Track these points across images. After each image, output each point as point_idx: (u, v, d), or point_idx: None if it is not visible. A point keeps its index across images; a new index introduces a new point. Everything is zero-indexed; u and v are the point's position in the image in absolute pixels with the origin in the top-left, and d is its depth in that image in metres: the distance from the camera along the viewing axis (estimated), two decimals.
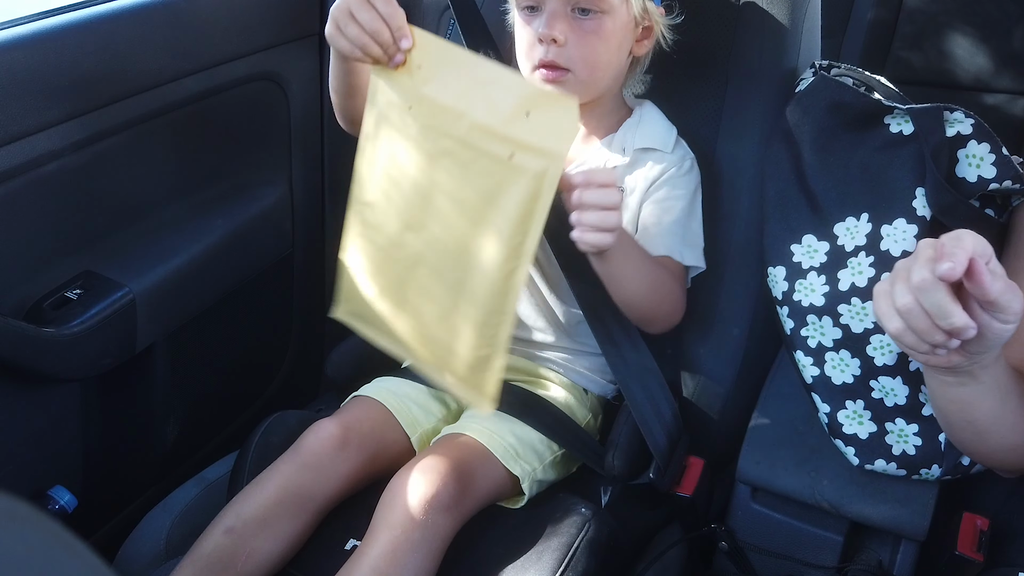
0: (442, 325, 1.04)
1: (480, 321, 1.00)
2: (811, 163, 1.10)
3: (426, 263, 1.03)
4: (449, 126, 0.96)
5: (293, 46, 1.49)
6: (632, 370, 1.14)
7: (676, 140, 1.19)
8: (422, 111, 0.98)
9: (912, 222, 1.03)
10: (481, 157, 0.95)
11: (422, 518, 0.99)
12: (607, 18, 1.07)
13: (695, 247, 1.15)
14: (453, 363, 1.05)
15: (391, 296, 1.08)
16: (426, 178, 1.00)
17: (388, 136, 1.03)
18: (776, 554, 1.14)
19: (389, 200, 1.04)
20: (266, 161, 1.53)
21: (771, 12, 1.17)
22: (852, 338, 1.06)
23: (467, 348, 1.02)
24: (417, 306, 1.06)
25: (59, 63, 1.12)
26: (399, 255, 1.05)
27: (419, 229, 1.02)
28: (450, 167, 0.98)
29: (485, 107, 0.94)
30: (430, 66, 0.97)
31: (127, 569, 1.10)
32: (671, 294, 1.12)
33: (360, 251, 1.09)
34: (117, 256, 1.27)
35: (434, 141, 0.98)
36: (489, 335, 1.01)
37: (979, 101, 1.84)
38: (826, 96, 1.09)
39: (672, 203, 1.14)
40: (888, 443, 1.07)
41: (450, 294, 1.02)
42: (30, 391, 1.20)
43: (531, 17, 1.08)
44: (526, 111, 0.92)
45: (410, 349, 1.10)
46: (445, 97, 0.97)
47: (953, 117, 1.04)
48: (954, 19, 1.81)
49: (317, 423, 1.12)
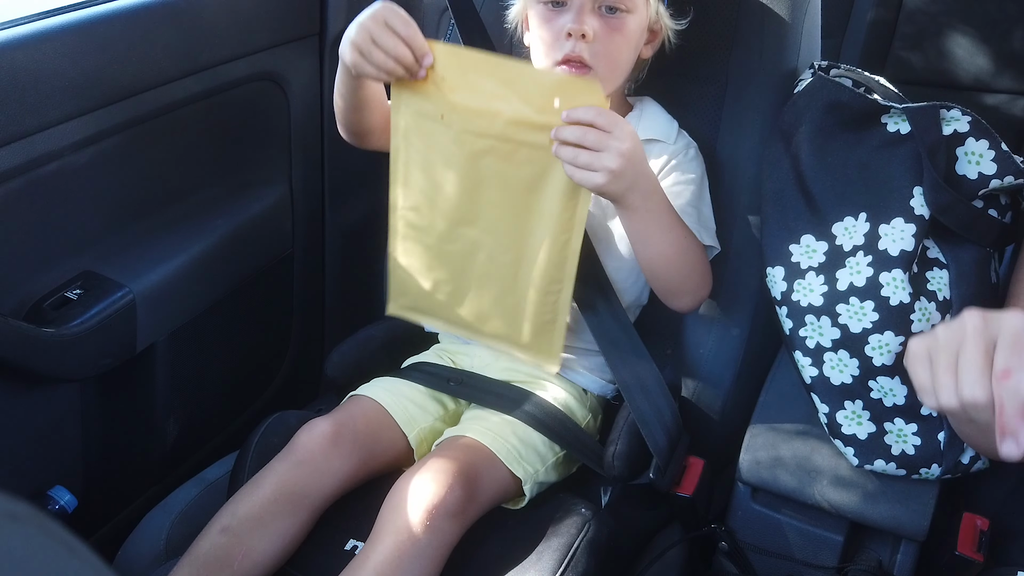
0: (504, 301, 1.14)
1: (542, 290, 1.11)
2: (809, 163, 1.11)
3: (484, 249, 1.12)
4: (485, 127, 1.02)
5: (293, 46, 1.49)
6: (632, 370, 1.14)
7: (678, 131, 1.20)
8: (455, 118, 1.04)
9: (910, 221, 1.03)
10: (521, 147, 1.02)
11: (428, 524, 0.98)
12: (631, 17, 1.08)
13: (709, 229, 1.16)
14: (517, 335, 1.17)
15: (449, 285, 1.17)
16: (470, 177, 1.07)
17: (420, 146, 1.09)
18: (776, 554, 1.14)
19: (433, 203, 1.12)
20: (266, 161, 1.53)
21: (771, 12, 1.18)
22: (850, 338, 1.06)
23: (531, 317, 1.14)
24: (478, 289, 1.15)
25: (59, 63, 1.12)
26: (454, 248, 1.13)
27: (472, 222, 1.11)
28: (493, 162, 1.05)
29: (516, 102, 0.99)
30: (454, 75, 1.02)
31: (127, 569, 1.10)
32: (700, 264, 1.12)
33: (408, 252, 1.17)
34: (117, 256, 1.27)
35: (472, 143, 1.04)
36: (551, 301, 1.12)
37: (979, 101, 1.84)
38: (824, 96, 1.10)
39: (682, 187, 1.15)
40: (887, 443, 1.07)
41: (510, 273, 1.12)
42: (30, 391, 1.20)
43: (555, 13, 1.08)
44: (555, 98, 0.97)
45: (472, 329, 1.20)
46: (476, 102, 1.02)
47: (950, 115, 1.04)
48: (954, 19, 1.82)
49: (310, 422, 1.12)
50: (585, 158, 0.97)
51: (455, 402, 1.24)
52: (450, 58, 1.02)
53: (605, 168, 0.97)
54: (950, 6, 1.81)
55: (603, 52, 1.08)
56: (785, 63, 1.19)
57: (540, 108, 0.99)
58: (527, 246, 1.09)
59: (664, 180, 1.16)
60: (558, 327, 1.14)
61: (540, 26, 1.10)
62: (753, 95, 1.19)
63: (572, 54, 1.07)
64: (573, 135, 0.97)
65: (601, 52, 1.07)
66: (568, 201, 1.04)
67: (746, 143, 1.19)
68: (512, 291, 1.13)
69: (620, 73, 1.13)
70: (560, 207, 1.05)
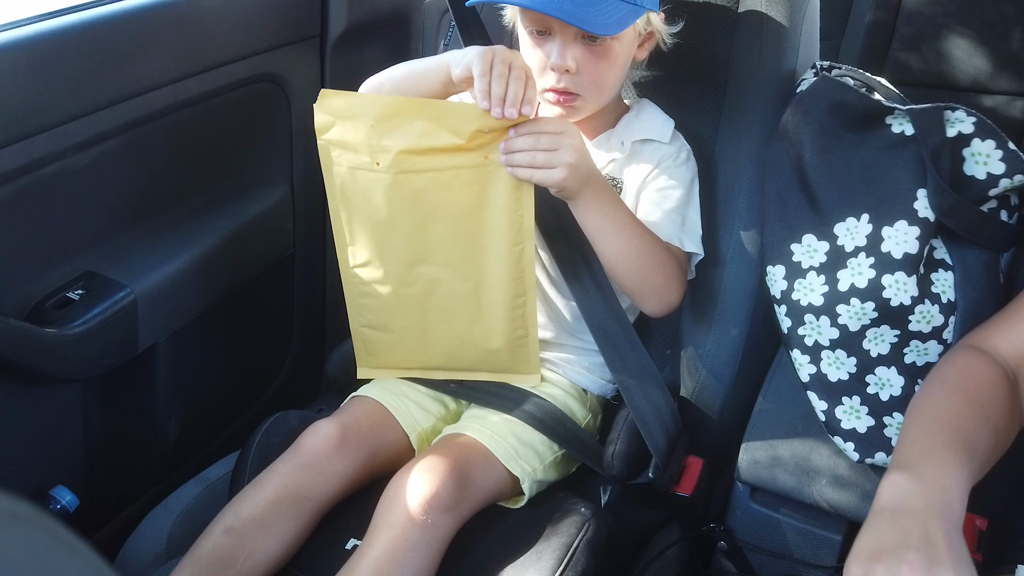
0: (473, 330, 1.15)
1: (508, 306, 1.12)
2: (812, 163, 1.10)
3: (443, 283, 1.12)
4: (421, 163, 1.05)
5: (294, 48, 1.49)
6: (630, 370, 1.14)
7: (673, 132, 1.20)
8: (390, 161, 1.05)
9: (914, 224, 1.03)
10: (460, 171, 1.05)
11: (422, 518, 0.99)
12: (615, 43, 1.08)
13: (693, 234, 1.16)
14: (493, 359, 1.18)
15: (415, 331, 1.18)
16: (415, 215, 1.09)
17: (359, 200, 1.10)
18: (775, 553, 1.14)
19: (384, 253, 1.13)
20: (267, 162, 1.53)
21: (770, 14, 1.18)
22: (849, 336, 1.07)
23: (502, 337, 1.15)
24: (444, 326, 1.16)
25: (61, 65, 1.12)
26: (413, 291, 1.14)
27: (425, 259, 1.11)
28: (434, 194, 1.07)
29: (446, 135, 1.02)
30: (382, 121, 1.04)
31: (128, 569, 1.10)
32: (662, 266, 1.12)
33: (368, 309, 1.18)
34: (119, 257, 1.28)
35: (411, 181, 1.06)
36: (519, 316, 1.13)
37: (977, 103, 1.84)
38: (828, 96, 1.09)
39: (669, 191, 1.16)
40: (887, 436, 1.07)
41: (473, 300, 1.12)
42: (32, 391, 1.20)
43: (541, 40, 1.08)
44: (483, 127, 1.01)
45: (448, 367, 1.21)
46: (407, 142, 1.04)
47: (954, 116, 1.04)
48: (952, 21, 1.81)
49: (315, 423, 1.12)
50: (542, 157, 1.00)
51: (456, 402, 1.24)
52: (379, 106, 1.04)
53: (563, 163, 1.00)
54: (948, 8, 1.81)
55: (589, 81, 1.09)
56: (784, 64, 1.19)
57: (470, 137, 1.02)
58: (484, 267, 1.10)
59: (653, 182, 1.16)
60: (531, 339, 1.16)
61: (527, 52, 1.11)
62: (752, 96, 1.19)
63: (557, 87, 1.09)
64: (526, 143, 1.00)
65: (587, 81, 1.09)
66: (514, 213, 1.06)
67: (745, 144, 1.19)
68: (479, 318, 1.14)
69: (608, 93, 1.14)
70: (508, 220, 1.06)
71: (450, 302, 1.14)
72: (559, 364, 1.24)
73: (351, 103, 1.05)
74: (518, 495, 1.13)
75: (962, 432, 0.82)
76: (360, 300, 1.18)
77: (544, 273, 1.21)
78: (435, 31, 1.49)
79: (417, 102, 1.06)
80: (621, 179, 1.18)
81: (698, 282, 1.21)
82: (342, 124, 1.06)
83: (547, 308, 1.22)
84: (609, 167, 1.19)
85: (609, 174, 1.19)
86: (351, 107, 1.05)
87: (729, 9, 1.22)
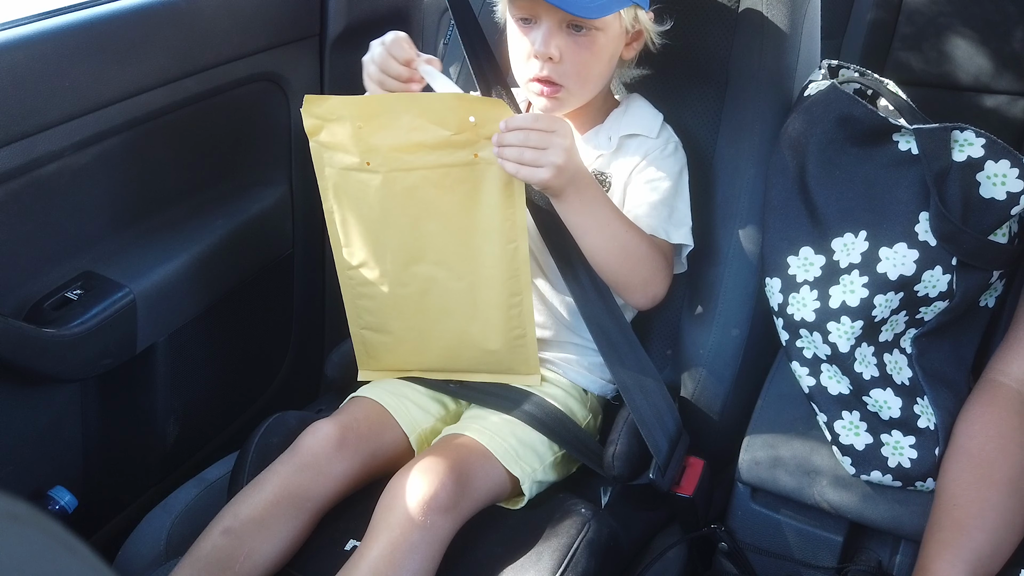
0: (470, 329, 1.15)
1: (504, 304, 1.12)
2: (815, 174, 1.10)
3: (438, 282, 1.12)
4: (412, 161, 1.05)
5: (293, 47, 1.49)
6: (630, 371, 1.14)
7: (661, 126, 1.20)
8: (381, 161, 1.06)
9: (913, 247, 1.02)
10: (451, 169, 1.05)
11: (421, 519, 0.99)
12: (600, 34, 1.09)
13: (682, 226, 1.16)
14: (492, 359, 1.17)
15: (413, 331, 1.18)
16: (408, 214, 1.09)
17: (352, 201, 1.11)
18: (776, 554, 1.14)
19: (379, 252, 1.13)
20: (266, 162, 1.53)
21: (771, 14, 1.18)
22: (839, 356, 1.06)
23: (500, 337, 1.14)
24: (442, 325, 1.16)
25: (60, 64, 1.12)
26: (409, 291, 1.14)
27: (420, 258, 1.12)
28: (426, 192, 1.07)
29: (434, 129, 1.03)
30: (368, 120, 1.05)
31: (127, 569, 1.10)
32: (647, 261, 1.12)
33: (366, 311, 1.19)
34: (117, 256, 1.28)
35: (403, 179, 1.07)
36: (515, 315, 1.13)
37: (978, 102, 1.84)
38: (836, 108, 1.08)
39: (656, 183, 1.16)
40: (884, 455, 1.06)
41: (468, 299, 1.12)
42: (30, 391, 1.20)
43: (527, 28, 1.09)
44: (469, 116, 1.01)
45: (446, 367, 1.21)
46: (396, 139, 1.04)
47: (963, 138, 1.01)
48: (953, 20, 1.81)
49: (315, 424, 1.12)
50: (531, 155, 1.00)
51: (456, 402, 1.24)
52: (361, 106, 1.05)
53: (551, 163, 1.00)
54: (950, 7, 1.81)
55: (572, 71, 1.09)
56: (785, 63, 1.19)
57: (458, 128, 1.02)
58: (479, 266, 1.10)
59: (641, 174, 1.16)
60: (529, 338, 1.15)
61: (514, 41, 1.12)
62: (753, 96, 1.19)
63: (540, 75, 1.09)
64: (516, 139, 1.00)
65: (570, 71, 1.09)
66: (506, 209, 1.06)
67: (746, 145, 1.19)
68: (475, 317, 1.14)
69: (593, 86, 1.15)
70: (500, 218, 1.07)
71: (446, 301, 1.14)
72: (559, 364, 1.24)
73: (334, 106, 1.06)
74: (518, 496, 1.13)
75: (986, 522, 0.95)
76: (358, 302, 1.19)
77: (541, 273, 1.21)
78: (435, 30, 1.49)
79: (400, 97, 1.06)
80: (609, 174, 1.19)
81: (698, 282, 1.20)
82: (331, 126, 1.07)
83: (545, 307, 1.22)
84: (597, 162, 1.19)
85: (597, 169, 1.19)
86: (335, 110, 1.05)
87: (729, 8, 1.22)
